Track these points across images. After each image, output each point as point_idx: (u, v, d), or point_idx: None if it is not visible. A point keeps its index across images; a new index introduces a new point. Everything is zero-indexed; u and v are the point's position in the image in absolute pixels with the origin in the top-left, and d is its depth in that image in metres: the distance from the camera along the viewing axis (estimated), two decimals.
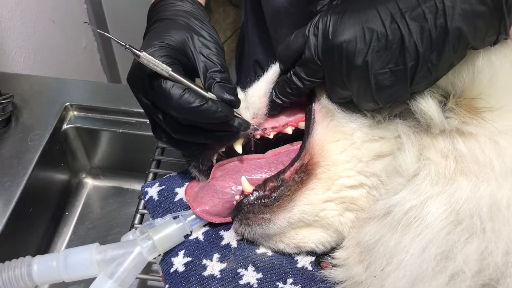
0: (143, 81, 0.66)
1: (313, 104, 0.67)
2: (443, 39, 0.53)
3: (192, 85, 0.64)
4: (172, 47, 0.66)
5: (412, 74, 0.55)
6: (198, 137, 0.68)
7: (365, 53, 0.55)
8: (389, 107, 0.61)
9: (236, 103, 0.66)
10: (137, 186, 1.13)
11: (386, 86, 0.55)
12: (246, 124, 0.68)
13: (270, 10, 1.02)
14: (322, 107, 0.66)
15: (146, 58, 0.62)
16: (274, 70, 0.71)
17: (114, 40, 0.63)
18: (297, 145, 0.71)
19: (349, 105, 0.63)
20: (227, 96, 0.65)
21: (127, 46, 0.61)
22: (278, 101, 0.68)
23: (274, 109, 0.70)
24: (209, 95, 0.64)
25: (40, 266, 0.66)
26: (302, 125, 0.70)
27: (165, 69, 0.62)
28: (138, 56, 0.61)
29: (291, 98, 0.67)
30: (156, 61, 0.62)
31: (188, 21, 0.71)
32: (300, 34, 0.62)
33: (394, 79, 0.55)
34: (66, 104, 1.05)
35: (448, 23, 0.52)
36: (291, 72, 0.64)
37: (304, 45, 0.60)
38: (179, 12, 0.72)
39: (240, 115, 0.69)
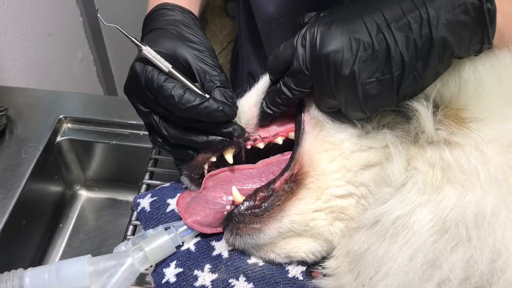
0: (140, 89, 0.68)
1: (302, 114, 0.68)
2: (429, 48, 0.54)
3: (190, 84, 0.67)
4: (165, 54, 0.68)
5: (398, 83, 0.55)
6: (192, 141, 0.69)
7: (352, 63, 0.55)
8: (376, 116, 0.62)
9: (235, 106, 0.68)
10: (131, 198, 1.13)
11: (373, 95, 0.56)
12: (241, 130, 0.68)
13: (262, 20, 1.03)
14: (312, 117, 0.67)
15: (149, 51, 0.65)
16: (264, 81, 0.72)
17: (120, 31, 0.67)
18: (287, 155, 0.72)
19: (338, 114, 0.64)
20: (225, 101, 0.66)
21: (132, 38, 0.65)
22: (269, 111, 0.69)
23: (265, 119, 0.71)
24: (207, 96, 0.66)
25: (32, 278, 0.65)
26: (292, 135, 0.71)
27: (166, 65, 0.66)
28: (141, 49, 0.65)
29: (281, 108, 0.67)
30: (158, 56, 0.66)
31: (179, 29, 0.72)
32: (288, 45, 0.63)
33: (381, 88, 0.56)
34: (60, 116, 1.06)
35: (433, 33, 0.53)
36: (281, 82, 0.65)
37: (293, 55, 0.61)
38: (169, 21, 0.74)
39: (236, 122, 0.69)
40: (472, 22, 0.54)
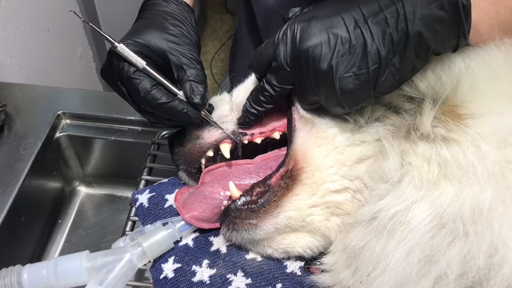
0: (114, 74, 0.70)
1: (292, 112, 0.68)
2: (405, 43, 0.55)
3: (165, 81, 0.68)
4: (142, 45, 0.69)
5: (375, 78, 0.56)
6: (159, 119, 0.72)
7: (330, 57, 0.56)
8: (368, 110, 0.62)
9: (201, 106, 0.68)
10: (130, 194, 1.13)
11: (350, 90, 0.57)
12: (195, 113, 0.69)
13: (262, 13, 1.03)
14: (302, 115, 0.67)
15: (122, 49, 0.67)
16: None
17: (94, 28, 0.69)
18: (285, 150, 0.72)
19: (321, 110, 0.64)
20: (193, 98, 0.67)
21: (107, 36, 0.67)
22: (253, 110, 0.69)
23: (249, 119, 0.71)
24: (180, 93, 0.68)
25: (30, 274, 0.66)
26: None
27: (140, 62, 0.67)
28: (115, 46, 0.67)
29: (264, 107, 0.68)
30: (132, 53, 0.67)
31: (164, 21, 0.73)
32: (270, 41, 0.63)
33: (357, 83, 0.56)
34: (59, 112, 1.05)
35: (409, 27, 0.54)
36: (264, 80, 0.66)
37: (275, 52, 0.62)
38: (159, 12, 0.75)
39: (210, 115, 0.72)
40: (448, 17, 0.55)
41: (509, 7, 0.58)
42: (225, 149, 0.72)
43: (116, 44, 0.67)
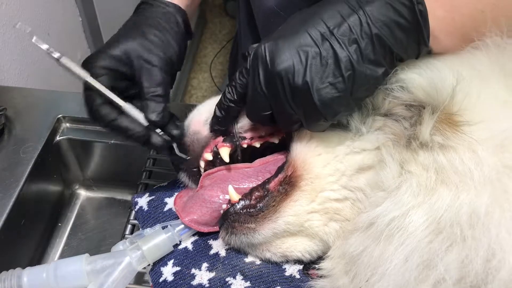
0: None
1: None
2: (372, 48, 0.56)
3: (111, 95, 0.68)
4: (114, 57, 0.71)
5: (351, 84, 0.57)
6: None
7: (303, 73, 0.56)
8: (369, 120, 0.62)
9: (157, 123, 0.71)
10: (129, 197, 1.11)
11: (330, 99, 0.57)
12: (162, 144, 0.71)
13: (261, 15, 1.03)
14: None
15: (66, 62, 0.67)
16: None
17: (37, 44, 0.68)
18: (284, 153, 0.72)
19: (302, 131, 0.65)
20: (148, 117, 0.70)
21: (49, 51, 0.67)
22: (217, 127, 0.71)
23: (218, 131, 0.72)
24: (126, 106, 0.68)
25: (30, 278, 0.66)
26: None
27: (83, 74, 0.67)
28: (58, 59, 0.66)
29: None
30: (75, 66, 0.67)
31: (146, 29, 0.74)
32: (243, 70, 0.64)
33: (335, 91, 0.57)
34: (59, 116, 1.06)
35: (373, 32, 0.56)
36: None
37: (247, 80, 0.62)
38: (143, 18, 0.76)
39: (163, 134, 0.72)
40: (406, 23, 0.56)
41: (464, 15, 0.59)
42: (224, 153, 0.72)
43: (57, 56, 0.66)
